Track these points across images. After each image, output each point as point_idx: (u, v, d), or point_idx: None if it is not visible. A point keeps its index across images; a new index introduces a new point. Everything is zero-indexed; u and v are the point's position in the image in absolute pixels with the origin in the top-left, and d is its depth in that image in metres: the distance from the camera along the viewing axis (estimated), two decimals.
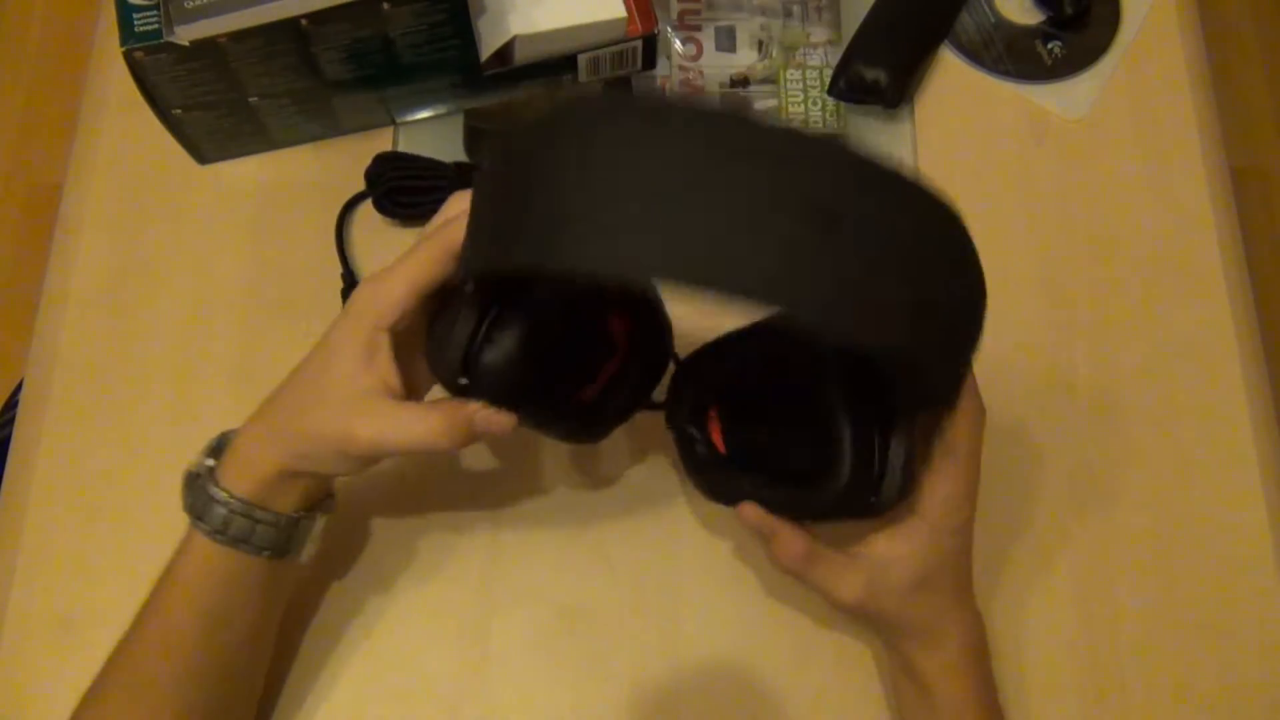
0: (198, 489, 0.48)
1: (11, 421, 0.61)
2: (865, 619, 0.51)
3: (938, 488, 0.46)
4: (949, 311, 0.39)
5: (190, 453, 0.59)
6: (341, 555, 0.58)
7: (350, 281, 0.63)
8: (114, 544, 0.58)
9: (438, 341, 0.45)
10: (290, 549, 0.49)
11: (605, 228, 0.35)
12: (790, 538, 0.47)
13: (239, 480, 0.47)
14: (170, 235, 0.65)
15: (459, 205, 0.46)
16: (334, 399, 0.46)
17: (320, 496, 0.50)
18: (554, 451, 0.60)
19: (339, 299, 0.63)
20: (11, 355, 1.34)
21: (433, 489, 0.59)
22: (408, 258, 0.46)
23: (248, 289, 0.63)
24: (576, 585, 0.57)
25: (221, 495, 0.47)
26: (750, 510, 0.47)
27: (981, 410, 0.46)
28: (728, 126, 0.36)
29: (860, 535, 0.48)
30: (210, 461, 0.48)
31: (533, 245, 0.37)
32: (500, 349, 0.43)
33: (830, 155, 0.36)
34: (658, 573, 0.58)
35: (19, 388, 0.70)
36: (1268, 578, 0.58)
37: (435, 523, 0.58)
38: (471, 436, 0.45)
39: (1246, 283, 0.65)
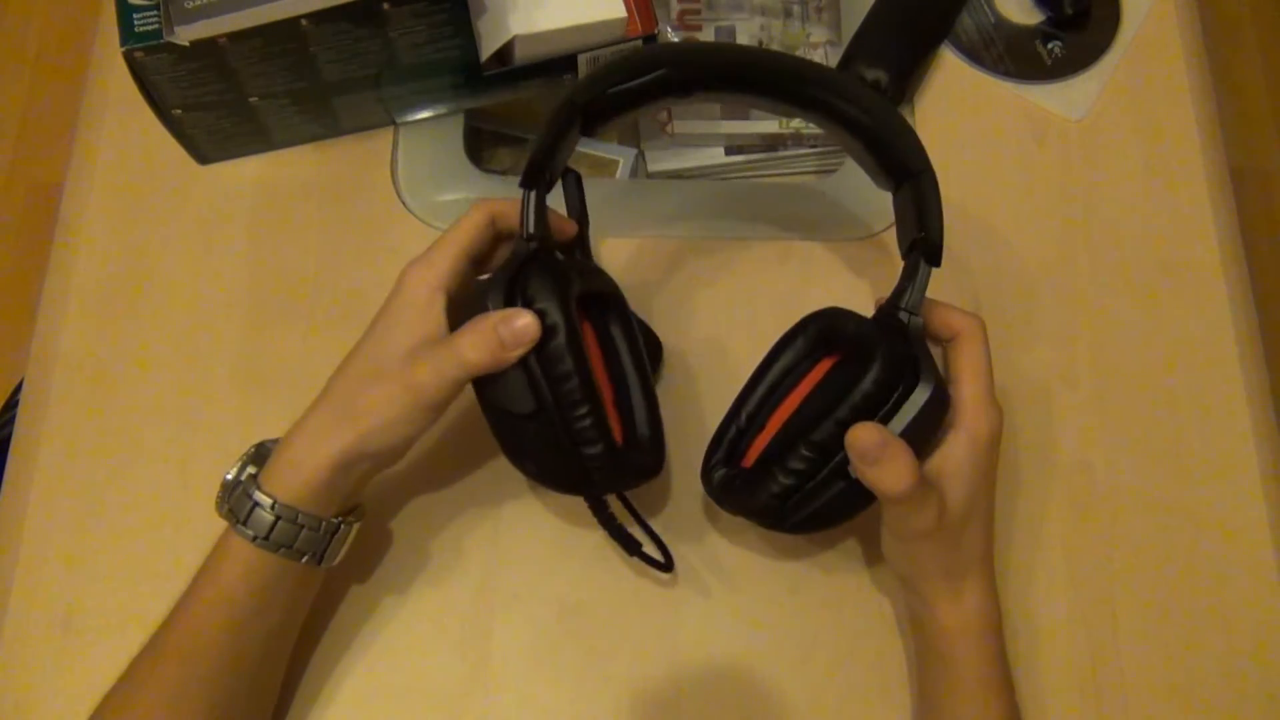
0: (240, 495, 0.48)
1: (11, 421, 0.61)
2: (922, 554, 0.50)
3: (960, 394, 0.50)
4: None
5: (191, 453, 0.60)
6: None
7: None
8: (114, 544, 0.58)
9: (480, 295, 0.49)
10: (327, 554, 0.50)
11: None
12: (910, 462, 0.47)
13: (285, 484, 0.48)
14: (170, 235, 0.65)
15: (486, 209, 0.52)
16: (395, 362, 0.48)
17: (358, 498, 0.52)
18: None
19: (338, 298, 0.63)
20: (11, 355, 1.34)
21: (433, 489, 0.59)
22: (449, 233, 0.51)
23: (248, 289, 0.63)
24: (577, 585, 0.58)
25: (266, 501, 0.48)
26: (869, 432, 0.46)
27: (977, 326, 0.51)
28: None
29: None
30: (252, 469, 0.49)
31: None
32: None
33: None
34: (658, 573, 0.58)
35: (19, 388, 0.70)
36: (1268, 578, 0.58)
37: (435, 523, 0.58)
38: (500, 344, 0.47)
39: (1246, 283, 0.65)
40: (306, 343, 0.62)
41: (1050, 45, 0.70)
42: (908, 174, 0.53)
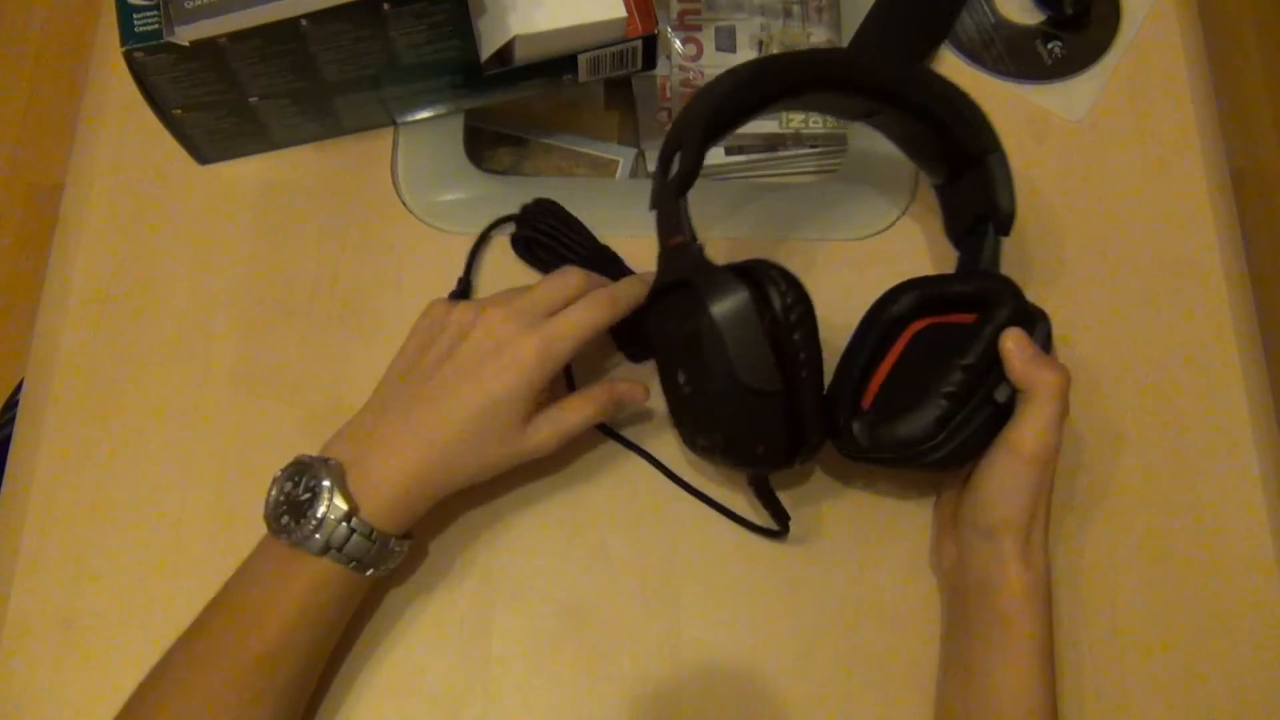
0: (335, 525, 0.50)
1: (12, 421, 0.61)
2: (1025, 487, 0.52)
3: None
4: None
5: (191, 453, 0.59)
6: None
7: (463, 286, 0.63)
8: (114, 544, 0.58)
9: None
10: (391, 568, 0.53)
11: None
12: (1059, 366, 0.51)
13: (385, 517, 0.51)
14: (170, 235, 0.65)
15: (611, 305, 0.55)
16: (509, 430, 0.53)
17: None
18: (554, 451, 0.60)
19: (338, 298, 0.63)
20: (11, 355, 1.34)
21: None
22: (574, 316, 0.53)
23: (248, 289, 0.63)
24: (577, 584, 0.58)
25: (366, 529, 0.50)
26: (1022, 335, 0.51)
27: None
28: None
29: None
30: (340, 502, 0.50)
31: None
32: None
33: None
34: (658, 572, 0.58)
35: (19, 388, 0.70)
36: (1268, 578, 0.58)
37: (436, 522, 0.58)
38: (617, 405, 0.57)
39: (1246, 283, 0.65)
40: (306, 343, 0.62)
41: (1050, 45, 0.70)
42: (980, 155, 0.57)
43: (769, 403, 0.50)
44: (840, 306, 0.59)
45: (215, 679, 0.49)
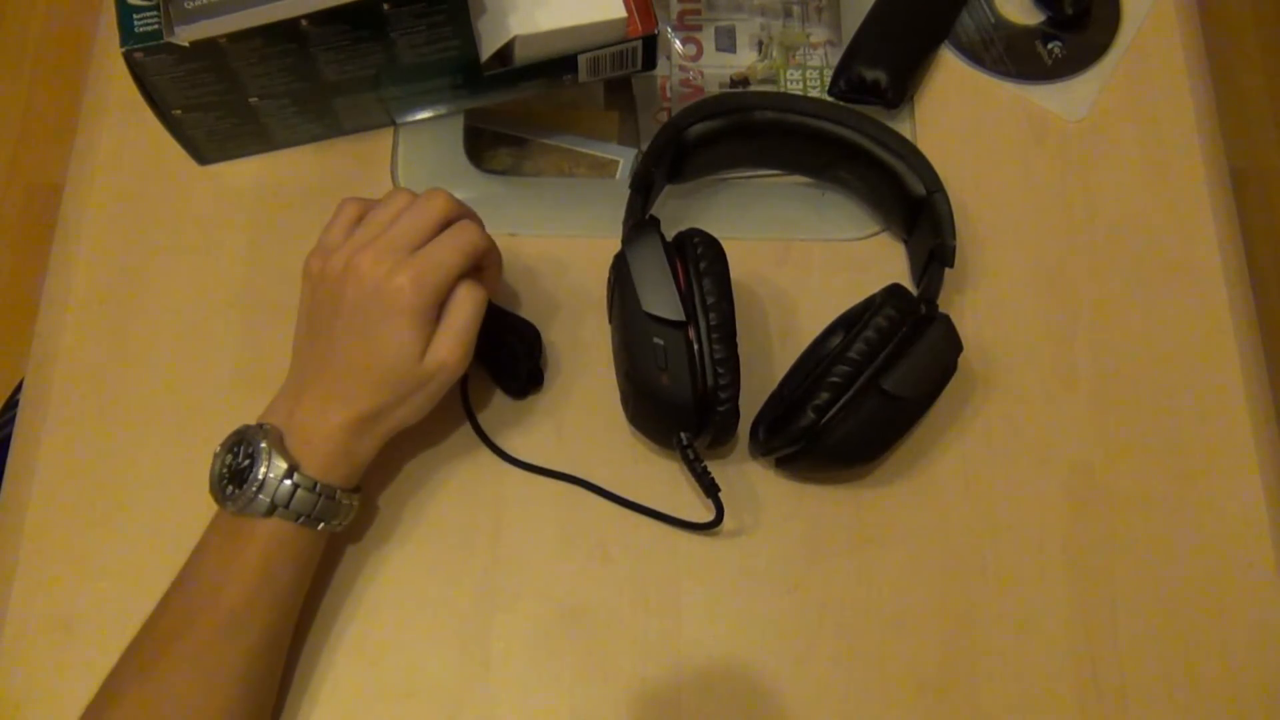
0: (277, 481, 0.50)
1: (11, 421, 0.61)
2: None
3: None
4: None
5: (191, 453, 0.59)
6: (341, 553, 0.58)
7: None
8: (114, 544, 0.58)
9: None
10: (344, 523, 0.54)
11: None
12: None
13: (318, 467, 0.52)
14: (170, 235, 0.65)
15: (485, 238, 0.55)
16: (407, 367, 0.52)
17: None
18: (554, 450, 0.60)
19: None
20: (11, 355, 1.34)
21: (432, 487, 0.59)
22: (446, 244, 0.53)
23: (248, 289, 0.63)
24: (577, 584, 0.58)
25: (308, 482, 0.51)
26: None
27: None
28: None
29: None
30: (281, 462, 0.51)
31: None
32: None
33: None
34: (658, 572, 0.58)
35: (19, 388, 0.70)
36: (1268, 577, 0.58)
37: (436, 523, 0.58)
38: (492, 272, 0.57)
39: (1246, 283, 0.65)
40: None
41: (1050, 45, 0.70)
42: (924, 197, 0.59)
43: (672, 334, 0.52)
44: (838, 306, 0.59)
45: (177, 654, 0.49)
